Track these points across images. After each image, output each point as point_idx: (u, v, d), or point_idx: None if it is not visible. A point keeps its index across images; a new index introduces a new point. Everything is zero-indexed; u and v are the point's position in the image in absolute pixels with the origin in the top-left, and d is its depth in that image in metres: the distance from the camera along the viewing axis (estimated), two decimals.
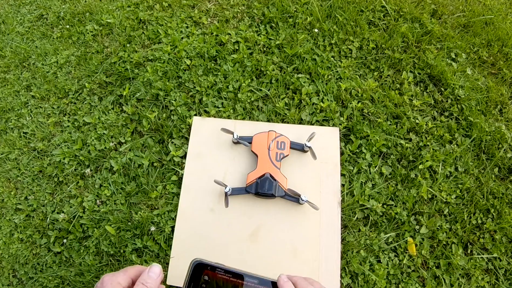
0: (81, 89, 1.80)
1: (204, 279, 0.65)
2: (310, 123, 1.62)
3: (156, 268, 0.69)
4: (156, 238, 1.46)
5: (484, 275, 1.38)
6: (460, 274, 1.37)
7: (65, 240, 1.52)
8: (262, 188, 1.41)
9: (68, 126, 1.71)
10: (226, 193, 1.44)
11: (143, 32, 1.90)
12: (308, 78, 1.71)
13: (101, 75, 1.80)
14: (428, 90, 1.68)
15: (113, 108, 1.72)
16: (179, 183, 1.54)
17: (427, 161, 1.51)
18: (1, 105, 1.82)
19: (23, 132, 1.74)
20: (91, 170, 1.61)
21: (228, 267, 0.66)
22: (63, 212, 1.55)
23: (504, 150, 1.56)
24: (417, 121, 1.60)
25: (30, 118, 1.77)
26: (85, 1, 2.08)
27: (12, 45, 2.00)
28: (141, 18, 1.94)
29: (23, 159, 1.68)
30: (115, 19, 1.95)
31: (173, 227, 1.46)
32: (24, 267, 1.51)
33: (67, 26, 2.00)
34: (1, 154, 1.71)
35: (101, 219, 1.52)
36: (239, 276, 0.65)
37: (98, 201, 1.55)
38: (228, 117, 1.64)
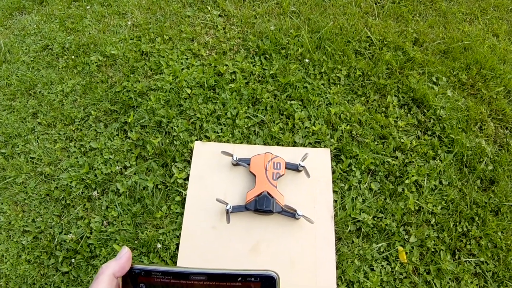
0: (87, 116, 1.89)
1: (141, 287, 0.60)
2: (303, 145, 1.75)
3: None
4: (162, 255, 1.54)
5: (473, 279, 1.48)
6: (450, 279, 1.48)
7: (73, 260, 1.58)
8: (261, 205, 1.53)
9: (75, 151, 1.80)
10: (227, 210, 1.54)
11: (145, 63, 2.03)
12: (300, 104, 1.85)
13: (106, 103, 1.91)
14: (411, 112, 1.83)
15: (118, 135, 1.82)
16: (182, 203, 1.64)
17: (412, 176, 1.65)
18: (7, 131, 1.89)
19: (30, 157, 1.82)
20: (98, 193, 1.70)
21: (168, 268, 0.59)
22: (70, 232, 1.61)
23: (485, 163, 1.70)
24: (402, 140, 1.74)
25: (37, 143, 1.85)
26: (89, 33, 2.21)
27: (18, 73, 2.09)
28: (144, 50, 2.07)
29: (30, 183, 1.75)
30: (119, 51, 2.07)
31: (178, 245, 1.55)
32: (32, 287, 1.56)
33: (72, 57, 2.11)
34: (8, 178, 1.77)
35: (108, 239, 1.59)
36: (182, 275, 0.58)
37: (105, 222, 1.63)
38: (227, 141, 1.76)
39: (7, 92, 2.04)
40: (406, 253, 1.52)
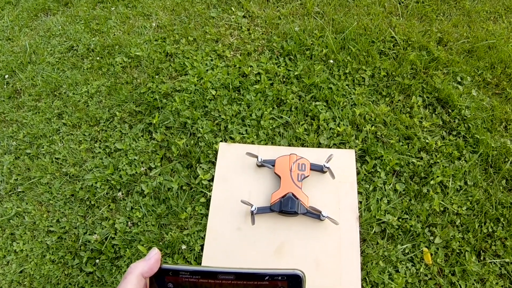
0: (112, 117, 1.95)
1: (168, 286, 0.61)
2: (328, 146, 1.78)
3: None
4: (186, 257, 1.58)
5: (498, 280, 1.50)
6: (475, 280, 1.49)
7: (97, 261, 1.63)
8: (286, 206, 1.56)
9: (100, 152, 1.85)
10: (252, 211, 1.58)
11: (170, 65, 2.07)
12: (325, 105, 1.88)
13: (131, 105, 1.96)
14: (436, 112, 1.85)
15: (143, 136, 1.87)
16: (207, 204, 1.67)
17: (437, 177, 1.66)
18: (33, 132, 1.95)
19: (55, 158, 1.87)
20: (122, 194, 1.74)
21: (195, 267, 0.59)
22: (95, 233, 1.66)
23: (510, 163, 1.71)
24: (427, 141, 1.76)
25: (62, 144, 1.90)
26: (114, 35, 2.27)
27: (43, 74, 2.16)
28: (168, 52, 2.12)
29: (55, 183, 1.80)
30: (143, 52, 2.13)
31: (202, 246, 1.59)
32: (56, 287, 1.60)
33: (97, 58, 2.17)
34: (33, 179, 1.83)
35: (133, 239, 1.64)
36: (210, 275, 0.59)
37: (129, 223, 1.67)
38: (252, 142, 1.80)
39: (33, 93, 2.10)
40: (431, 254, 1.54)
